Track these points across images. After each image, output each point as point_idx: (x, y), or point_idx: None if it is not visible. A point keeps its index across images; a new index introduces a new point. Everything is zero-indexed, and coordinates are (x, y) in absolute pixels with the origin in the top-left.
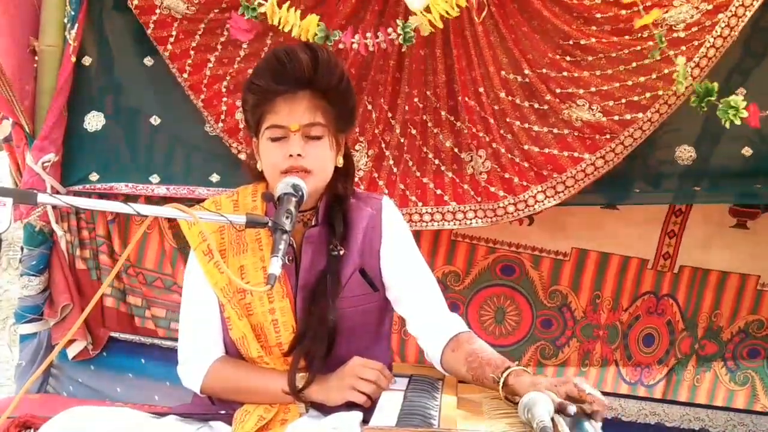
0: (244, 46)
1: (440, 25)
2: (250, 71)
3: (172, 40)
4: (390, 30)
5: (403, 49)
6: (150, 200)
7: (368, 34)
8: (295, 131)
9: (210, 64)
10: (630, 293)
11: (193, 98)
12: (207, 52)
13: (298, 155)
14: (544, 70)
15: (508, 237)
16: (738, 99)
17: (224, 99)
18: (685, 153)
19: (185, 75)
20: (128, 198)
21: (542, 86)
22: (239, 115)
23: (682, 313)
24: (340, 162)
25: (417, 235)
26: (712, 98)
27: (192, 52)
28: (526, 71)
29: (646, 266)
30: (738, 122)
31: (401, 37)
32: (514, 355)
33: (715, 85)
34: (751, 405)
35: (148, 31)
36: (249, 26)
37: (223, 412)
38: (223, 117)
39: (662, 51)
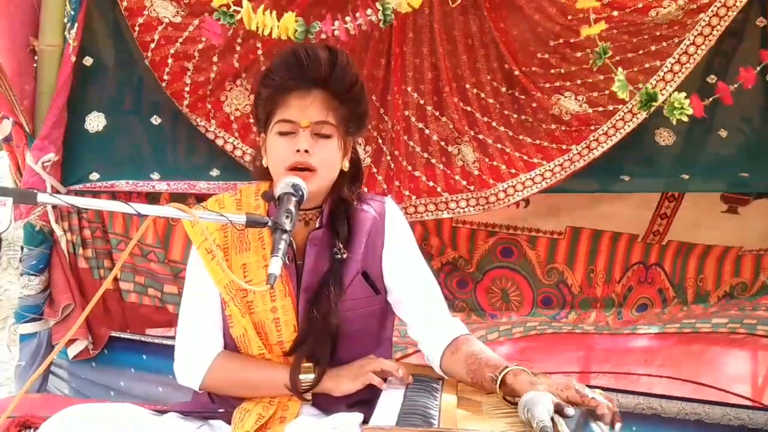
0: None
1: (416, 5)
2: (234, 69)
3: (153, 46)
4: (369, 12)
5: (382, 27)
6: (151, 196)
7: (348, 18)
8: (304, 127)
9: (189, 73)
10: (621, 265)
11: (177, 104)
12: (185, 60)
13: (305, 151)
14: (534, 68)
15: (506, 220)
16: (681, 97)
17: (208, 99)
18: (663, 134)
19: (164, 84)
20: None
21: (531, 85)
22: (227, 108)
23: (669, 280)
24: (346, 166)
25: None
26: (656, 103)
27: (170, 60)
28: (516, 72)
29: (636, 240)
30: (685, 119)
31: (381, 21)
32: (517, 328)
33: (657, 91)
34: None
35: (135, 35)
36: (222, 30)
37: (222, 410)
38: (212, 114)
39: (604, 63)
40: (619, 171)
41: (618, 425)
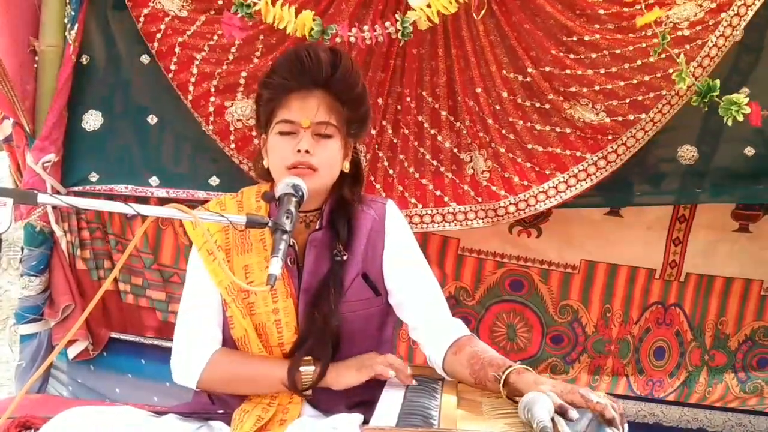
0: (233, 49)
1: (437, 20)
2: (243, 74)
3: (159, 36)
4: (388, 24)
5: (401, 44)
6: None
7: (365, 28)
8: (306, 128)
9: (197, 62)
10: (639, 305)
11: (182, 98)
12: (193, 50)
13: (306, 151)
14: (548, 68)
15: (516, 250)
16: (740, 96)
17: (212, 99)
18: (688, 153)
19: (170, 75)
20: (129, 200)
21: (545, 84)
22: (228, 117)
23: (689, 322)
24: (346, 167)
25: (423, 247)
26: (715, 94)
27: (177, 49)
28: (529, 69)
29: (653, 276)
30: (740, 118)
31: (400, 33)
32: None
33: (717, 82)
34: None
35: (139, 26)
36: (241, 24)
37: (221, 411)
38: (211, 118)
39: (664, 49)
40: (630, 187)
41: (626, 426)
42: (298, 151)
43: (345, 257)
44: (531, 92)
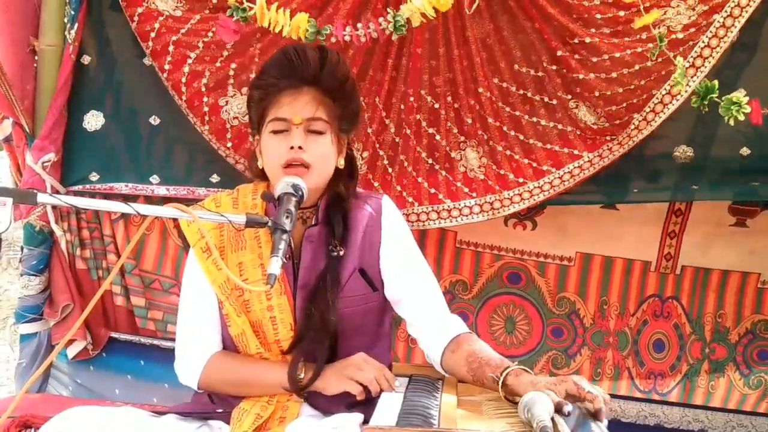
0: (228, 46)
1: (432, 14)
2: (233, 66)
3: (153, 35)
4: (381, 20)
5: (393, 38)
6: (150, 200)
7: (359, 25)
8: (297, 124)
9: (189, 60)
10: (636, 297)
11: (176, 99)
12: (187, 49)
13: (299, 148)
14: (554, 67)
15: (512, 243)
16: (740, 95)
17: (205, 99)
18: (683, 153)
19: (165, 75)
20: (128, 198)
21: (557, 81)
22: (225, 115)
23: (687, 315)
24: (341, 163)
25: (421, 240)
26: (714, 95)
27: (171, 48)
28: (545, 64)
29: (649, 268)
30: (741, 118)
31: (391, 24)
32: (526, 365)
33: (716, 83)
34: (757, 407)
35: (133, 26)
36: (236, 27)
37: (221, 410)
38: (207, 118)
39: (661, 52)
40: (627, 183)
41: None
42: (291, 148)
43: (341, 252)
44: (542, 87)
